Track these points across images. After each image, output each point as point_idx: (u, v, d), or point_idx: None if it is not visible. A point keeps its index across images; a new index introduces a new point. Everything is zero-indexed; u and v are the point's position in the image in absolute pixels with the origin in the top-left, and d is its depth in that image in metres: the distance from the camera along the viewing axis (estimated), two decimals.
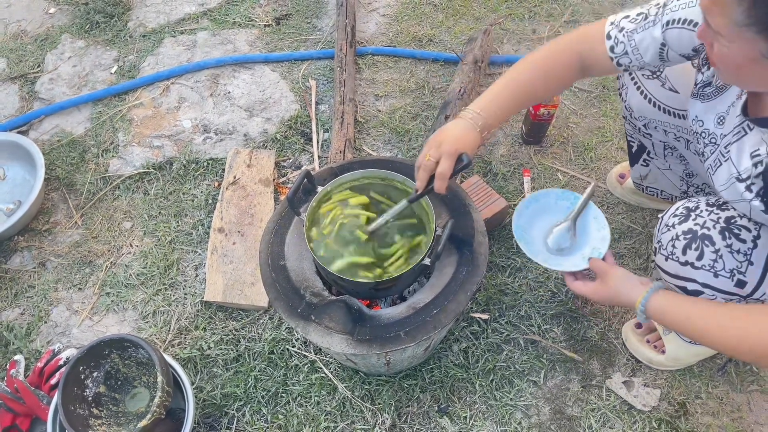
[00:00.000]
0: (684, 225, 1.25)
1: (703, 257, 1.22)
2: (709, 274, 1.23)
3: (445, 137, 1.33)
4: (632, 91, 1.58)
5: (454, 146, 1.31)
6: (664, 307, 1.25)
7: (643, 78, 1.53)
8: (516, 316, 1.79)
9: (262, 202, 2.05)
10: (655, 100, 1.53)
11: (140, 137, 2.33)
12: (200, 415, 1.68)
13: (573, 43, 1.38)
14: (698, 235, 1.23)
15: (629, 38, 1.30)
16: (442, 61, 2.48)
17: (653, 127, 1.61)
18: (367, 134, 2.28)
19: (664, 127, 1.59)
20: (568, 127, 2.24)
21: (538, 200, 1.58)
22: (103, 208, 2.15)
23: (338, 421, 1.64)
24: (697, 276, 1.25)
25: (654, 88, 1.53)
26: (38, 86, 2.54)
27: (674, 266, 1.28)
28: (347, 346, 1.32)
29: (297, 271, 1.46)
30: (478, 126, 1.35)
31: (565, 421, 1.62)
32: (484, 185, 1.94)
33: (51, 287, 1.97)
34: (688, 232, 1.24)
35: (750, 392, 1.64)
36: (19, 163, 2.21)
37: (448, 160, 1.30)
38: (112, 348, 1.56)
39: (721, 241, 1.20)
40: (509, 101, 1.40)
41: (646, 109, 1.57)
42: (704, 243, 1.22)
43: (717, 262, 1.21)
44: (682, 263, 1.26)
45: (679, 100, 1.50)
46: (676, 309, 1.24)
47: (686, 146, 1.58)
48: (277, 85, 2.46)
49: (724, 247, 1.20)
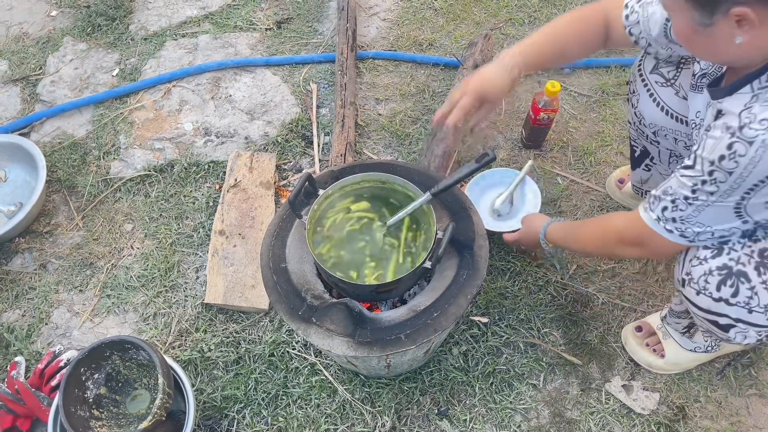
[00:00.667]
0: (718, 260, 1.21)
1: (738, 294, 1.19)
2: (743, 310, 1.21)
3: (475, 77, 1.45)
4: (644, 98, 1.55)
5: (479, 84, 1.44)
6: (556, 230, 1.58)
7: (657, 85, 1.51)
8: (516, 319, 1.80)
9: (263, 204, 2.05)
10: (668, 108, 1.51)
11: (141, 140, 2.34)
12: (200, 417, 1.68)
13: (604, 7, 1.43)
14: (734, 271, 1.19)
15: (644, 9, 1.33)
16: (443, 65, 2.49)
17: (663, 135, 1.58)
18: (368, 138, 2.29)
19: (675, 135, 1.55)
20: (567, 131, 2.25)
21: (485, 178, 2.01)
22: (104, 210, 2.16)
23: (338, 423, 1.65)
24: (731, 312, 1.22)
25: (668, 97, 1.50)
26: (40, 88, 2.55)
27: (707, 301, 1.25)
28: (348, 348, 1.33)
29: (298, 273, 1.46)
30: (513, 70, 1.45)
31: (564, 425, 1.63)
32: None
33: (52, 289, 1.97)
34: (722, 267, 1.20)
35: (748, 396, 1.65)
36: (20, 164, 2.21)
37: (468, 96, 1.44)
38: (113, 350, 1.56)
39: (757, 277, 1.17)
40: (547, 48, 1.49)
41: (658, 117, 1.54)
42: (740, 280, 1.18)
43: (752, 299, 1.18)
44: (715, 299, 1.23)
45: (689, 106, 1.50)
46: (562, 229, 1.57)
47: None
48: (278, 89, 2.47)
49: (760, 284, 1.17)
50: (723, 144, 1.04)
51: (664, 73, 1.49)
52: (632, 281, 1.86)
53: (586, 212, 2.02)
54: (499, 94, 1.46)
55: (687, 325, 1.57)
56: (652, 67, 1.51)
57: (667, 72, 1.49)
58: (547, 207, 2.04)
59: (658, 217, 1.21)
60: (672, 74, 1.48)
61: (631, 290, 1.85)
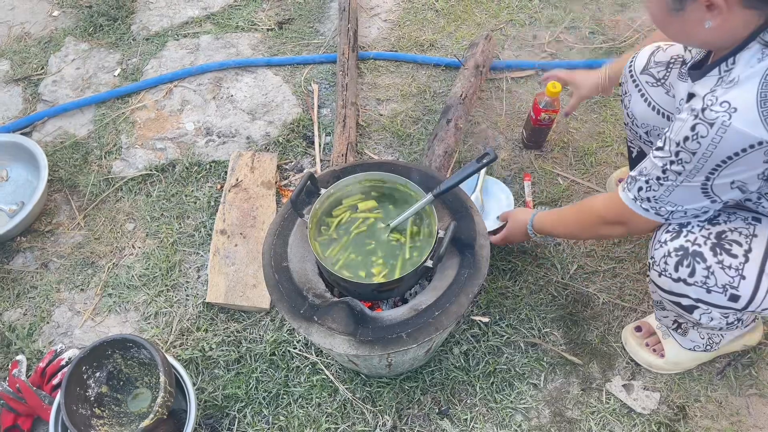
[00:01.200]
0: (675, 242, 1.27)
1: (695, 274, 1.24)
2: (701, 290, 1.25)
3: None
4: (636, 99, 1.58)
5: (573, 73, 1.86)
6: (543, 219, 1.65)
7: (648, 85, 1.54)
8: (516, 319, 1.80)
9: (265, 204, 2.06)
10: (659, 107, 1.54)
11: (143, 139, 2.34)
12: (202, 416, 1.68)
13: None
14: (689, 252, 1.24)
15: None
16: (444, 66, 2.49)
17: (656, 134, 1.61)
18: (369, 138, 2.29)
19: None
20: (568, 132, 2.25)
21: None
22: (105, 210, 2.16)
23: (339, 422, 1.65)
24: (690, 292, 1.27)
25: (659, 96, 1.53)
26: (42, 88, 2.56)
27: (667, 282, 1.30)
28: (349, 347, 1.33)
29: (300, 272, 1.47)
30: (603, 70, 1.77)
31: (565, 424, 1.63)
32: None
33: (53, 288, 1.97)
34: (679, 248, 1.26)
35: (749, 396, 1.65)
36: (22, 164, 2.22)
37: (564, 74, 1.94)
38: (114, 348, 1.56)
39: (713, 257, 1.22)
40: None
41: (649, 117, 1.57)
42: (695, 260, 1.23)
43: (709, 279, 1.23)
44: (674, 280, 1.28)
45: None
46: (549, 217, 1.63)
47: None
48: (280, 89, 2.47)
49: (716, 264, 1.22)
50: (687, 125, 1.10)
51: (654, 73, 1.53)
52: (633, 281, 1.87)
53: None
54: (589, 90, 1.83)
55: (674, 318, 1.57)
56: (642, 68, 1.55)
57: (657, 72, 1.52)
58: (547, 207, 2.04)
59: (635, 197, 1.29)
60: (662, 74, 1.51)
61: (631, 290, 1.85)
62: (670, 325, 1.60)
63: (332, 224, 1.50)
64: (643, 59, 1.56)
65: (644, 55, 1.56)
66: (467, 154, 2.19)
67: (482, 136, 2.25)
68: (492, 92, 2.39)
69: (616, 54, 2.48)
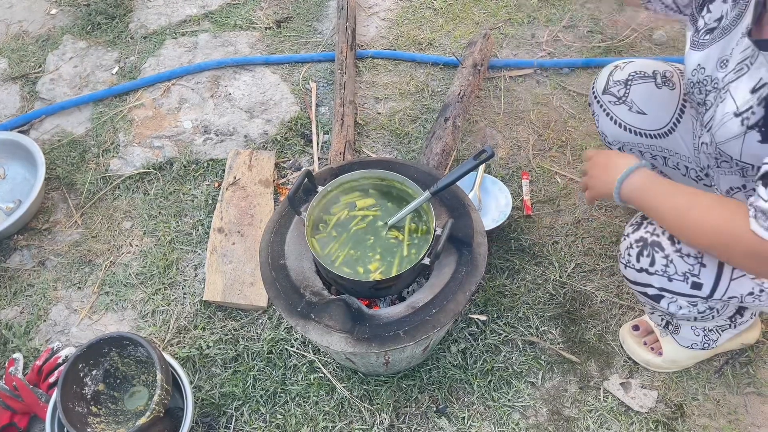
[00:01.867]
0: (636, 233, 1.29)
1: (654, 263, 1.26)
2: (663, 278, 1.27)
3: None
4: (603, 119, 1.63)
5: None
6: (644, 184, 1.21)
7: (611, 105, 1.58)
8: (514, 317, 1.80)
9: (262, 202, 2.05)
10: (625, 124, 1.59)
11: (141, 138, 2.34)
12: (198, 414, 1.68)
13: None
14: (648, 242, 1.26)
15: None
16: (442, 64, 2.49)
17: (628, 149, 1.65)
18: (367, 136, 2.29)
19: (639, 148, 1.63)
20: (566, 130, 2.25)
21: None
22: (103, 208, 2.16)
23: (336, 421, 1.65)
24: (653, 281, 1.29)
25: (623, 114, 1.57)
26: (39, 86, 2.55)
27: (632, 273, 1.32)
28: (347, 344, 1.33)
29: (297, 270, 1.46)
30: None
31: (562, 422, 1.63)
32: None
33: (50, 286, 1.97)
34: (639, 240, 1.28)
35: (746, 394, 1.65)
36: (19, 162, 2.21)
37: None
38: (111, 346, 1.56)
39: (670, 246, 1.24)
40: None
41: (619, 134, 1.62)
42: (654, 249, 1.25)
43: (669, 267, 1.25)
44: (637, 270, 1.30)
45: (648, 120, 1.56)
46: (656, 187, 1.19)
47: (664, 163, 1.63)
48: (278, 87, 2.47)
49: (674, 252, 1.23)
50: None
51: (615, 92, 1.57)
52: None
53: (585, 211, 2.03)
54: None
55: (661, 315, 1.57)
56: (603, 89, 1.60)
57: (617, 91, 1.56)
58: (545, 206, 2.04)
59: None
60: (622, 92, 1.56)
61: (629, 289, 1.85)
62: (659, 323, 1.61)
63: (330, 222, 1.49)
64: (603, 80, 1.60)
65: (603, 76, 1.61)
66: (465, 152, 2.18)
67: (480, 135, 2.25)
68: (490, 91, 2.39)
69: (614, 53, 2.48)
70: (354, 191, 1.54)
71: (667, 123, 1.53)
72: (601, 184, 1.29)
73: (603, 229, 1.98)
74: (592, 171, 1.33)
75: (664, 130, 1.55)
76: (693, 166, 1.55)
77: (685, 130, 1.52)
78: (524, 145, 2.22)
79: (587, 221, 2.00)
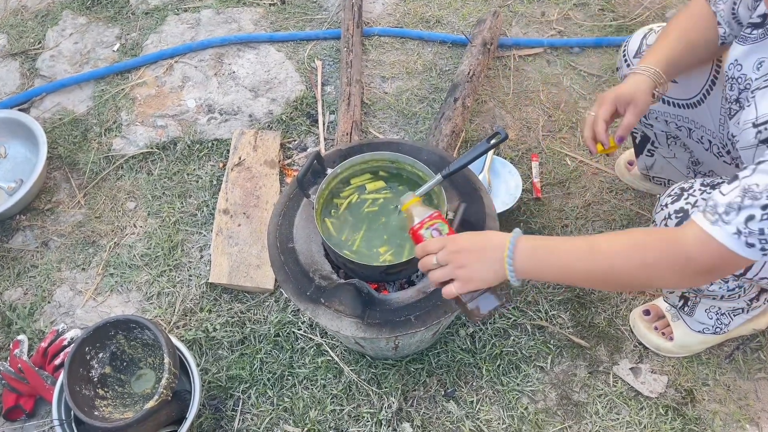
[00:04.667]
0: (676, 204, 1.25)
1: None
2: None
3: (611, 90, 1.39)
4: None
5: (611, 91, 1.38)
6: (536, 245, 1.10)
7: None
8: (523, 301, 1.78)
9: (268, 183, 2.02)
10: None
11: (144, 116, 2.30)
12: (205, 397, 1.67)
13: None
14: (689, 213, 1.22)
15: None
16: (450, 43, 2.44)
17: (654, 117, 1.61)
18: (374, 116, 2.25)
19: (665, 118, 1.59)
20: (577, 111, 2.21)
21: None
22: (106, 188, 2.13)
23: (344, 404, 1.64)
24: None
25: None
26: (39, 63, 2.50)
27: None
28: (357, 329, 1.31)
29: (305, 253, 1.44)
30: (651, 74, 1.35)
31: (571, 407, 1.62)
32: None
33: (54, 267, 1.95)
34: (679, 210, 1.24)
35: (757, 380, 1.64)
36: (20, 141, 2.18)
37: (601, 105, 1.38)
38: (117, 329, 1.54)
39: None
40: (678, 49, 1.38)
41: None
42: None
43: None
44: None
45: (678, 89, 1.50)
46: (549, 243, 1.11)
47: (688, 135, 1.58)
48: (283, 66, 2.42)
49: None
50: None
51: None
52: None
53: (595, 194, 2.00)
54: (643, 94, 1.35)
55: (680, 296, 1.55)
56: (635, 51, 1.54)
57: None
58: (555, 188, 2.01)
59: (739, 231, 0.96)
60: None
61: None
62: (676, 303, 1.59)
63: (342, 205, 1.47)
64: (636, 43, 1.54)
65: (636, 39, 1.55)
66: (474, 133, 2.15)
67: (489, 116, 2.21)
68: (499, 70, 2.35)
69: (626, 31, 2.43)
70: (364, 174, 1.51)
71: (697, 94, 1.48)
72: (477, 269, 1.11)
73: (613, 213, 1.95)
74: (458, 259, 1.11)
75: (693, 101, 1.50)
76: (716, 142, 1.51)
77: (713, 103, 1.47)
78: (534, 126, 2.18)
79: (597, 204, 1.98)
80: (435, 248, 1.15)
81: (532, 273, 1.11)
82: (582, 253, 1.07)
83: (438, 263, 1.13)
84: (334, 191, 1.49)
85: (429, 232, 1.22)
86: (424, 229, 1.23)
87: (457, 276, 1.12)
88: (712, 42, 1.37)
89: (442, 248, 1.14)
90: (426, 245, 1.17)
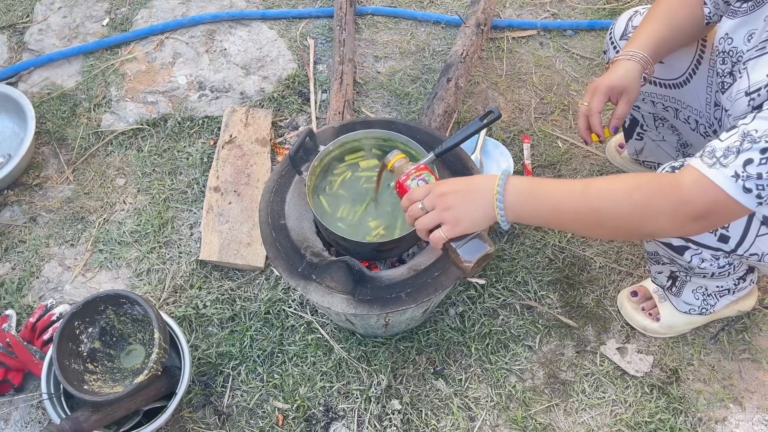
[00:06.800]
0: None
1: None
2: None
3: (601, 78, 1.40)
4: None
5: (603, 81, 1.38)
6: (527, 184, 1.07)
7: None
8: (512, 281, 1.80)
9: (259, 162, 2.01)
10: None
11: (133, 92, 2.27)
12: (195, 373, 1.67)
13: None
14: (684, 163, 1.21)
15: None
16: (444, 23, 2.43)
17: (641, 99, 1.61)
18: (366, 96, 2.24)
19: (652, 98, 1.60)
20: (569, 94, 2.21)
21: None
22: (95, 164, 2.11)
23: (334, 381, 1.65)
24: None
25: None
26: (27, 37, 2.46)
27: None
28: (348, 306, 1.32)
29: (297, 230, 1.44)
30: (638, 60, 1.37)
31: (559, 385, 1.64)
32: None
33: (42, 243, 1.93)
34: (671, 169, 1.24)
35: (741, 360, 1.67)
36: (8, 115, 2.15)
37: (594, 96, 1.40)
38: (107, 304, 1.54)
39: None
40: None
41: None
42: None
43: None
44: None
45: (664, 69, 1.51)
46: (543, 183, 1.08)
47: (675, 115, 1.59)
48: (275, 43, 2.40)
49: None
50: None
51: None
52: (630, 246, 1.86)
53: (586, 176, 2.01)
54: (635, 82, 1.36)
55: (669, 275, 1.57)
56: (621, 34, 1.55)
57: None
58: (546, 170, 2.02)
59: (736, 174, 0.94)
60: None
61: (628, 254, 1.84)
62: (664, 283, 1.60)
63: (335, 183, 1.46)
64: (622, 25, 1.56)
65: (622, 21, 1.56)
66: (467, 114, 2.15)
67: (482, 97, 2.21)
68: (492, 52, 2.34)
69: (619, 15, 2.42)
70: (357, 151, 1.50)
71: (683, 73, 1.49)
72: (465, 211, 1.06)
73: None
74: (444, 201, 1.07)
75: (679, 80, 1.51)
76: (703, 121, 1.52)
77: (699, 82, 1.48)
78: (526, 108, 2.18)
79: None
80: (421, 195, 1.11)
81: (523, 213, 1.06)
82: (575, 193, 1.04)
83: (424, 208, 1.10)
84: (326, 168, 1.49)
85: (415, 182, 1.20)
86: (411, 180, 1.21)
87: (444, 219, 1.07)
88: (697, 22, 1.38)
89: (428, 194, 1.11)
90: (411, 193, 1.14)
